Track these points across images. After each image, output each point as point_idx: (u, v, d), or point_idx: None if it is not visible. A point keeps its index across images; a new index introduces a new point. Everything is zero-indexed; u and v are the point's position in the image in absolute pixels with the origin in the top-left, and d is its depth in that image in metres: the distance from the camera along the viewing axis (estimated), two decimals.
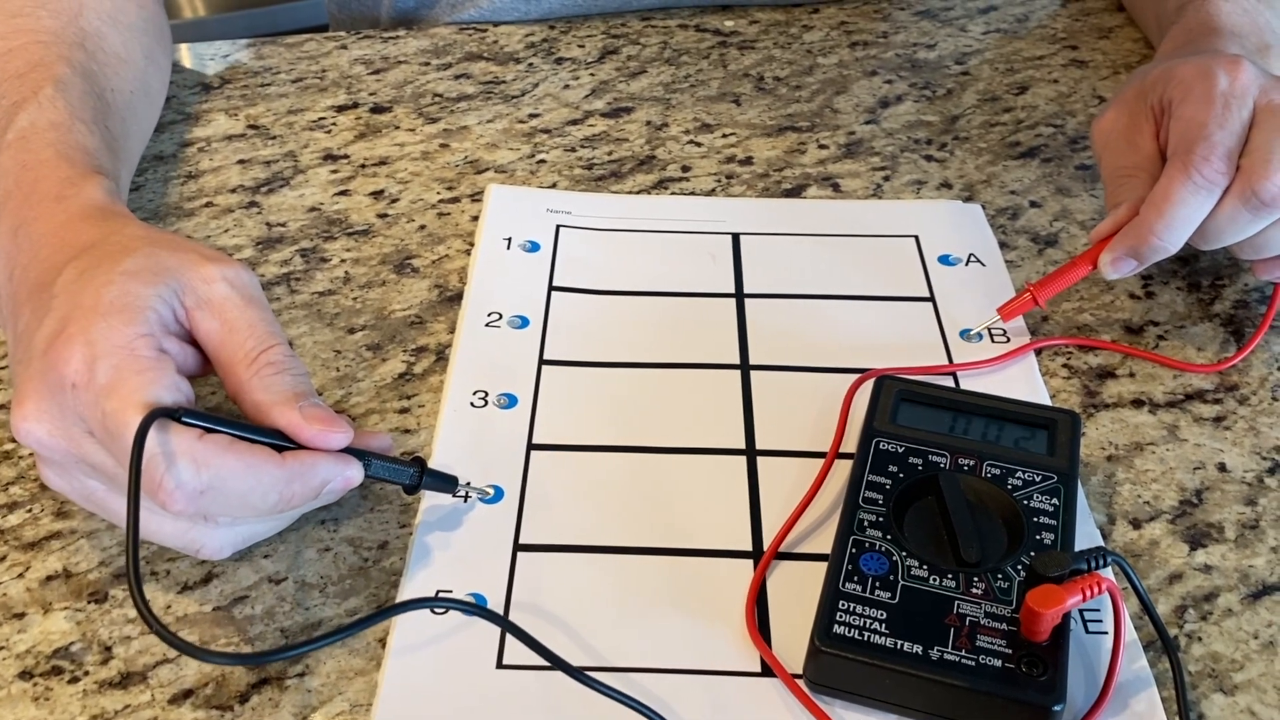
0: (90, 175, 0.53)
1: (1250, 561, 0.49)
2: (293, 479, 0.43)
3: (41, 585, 0.48)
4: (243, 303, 0.46)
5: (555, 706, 0.43)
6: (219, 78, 0.80)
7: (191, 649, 0.40)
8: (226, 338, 0.45)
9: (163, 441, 0.41)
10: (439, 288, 0.62)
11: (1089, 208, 0.69)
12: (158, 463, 0.41)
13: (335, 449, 0.45)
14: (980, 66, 0.83)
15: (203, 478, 0.41)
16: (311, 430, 0.44)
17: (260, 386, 0.45)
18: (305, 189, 0.69)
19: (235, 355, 0.45)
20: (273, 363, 0.45)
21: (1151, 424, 0.55)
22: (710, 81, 0.80)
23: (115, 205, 0.52)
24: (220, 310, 0.46)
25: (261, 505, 0.43)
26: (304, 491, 0.44)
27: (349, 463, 0.45)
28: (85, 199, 0.51)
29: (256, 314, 0.46)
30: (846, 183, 0.71)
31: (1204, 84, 0.56)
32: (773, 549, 0.49)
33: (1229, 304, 0.62)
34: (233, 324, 0.46)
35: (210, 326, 0.46)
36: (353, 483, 0.45)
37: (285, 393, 0.44)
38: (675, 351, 0.58)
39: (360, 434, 0.47)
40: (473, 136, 0.74)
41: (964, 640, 0.42)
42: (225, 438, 0.43)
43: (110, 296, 0.44)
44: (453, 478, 0.50)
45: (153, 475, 0.41)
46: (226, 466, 0.42)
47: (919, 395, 0.52)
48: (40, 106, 0.56)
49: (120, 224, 0.49)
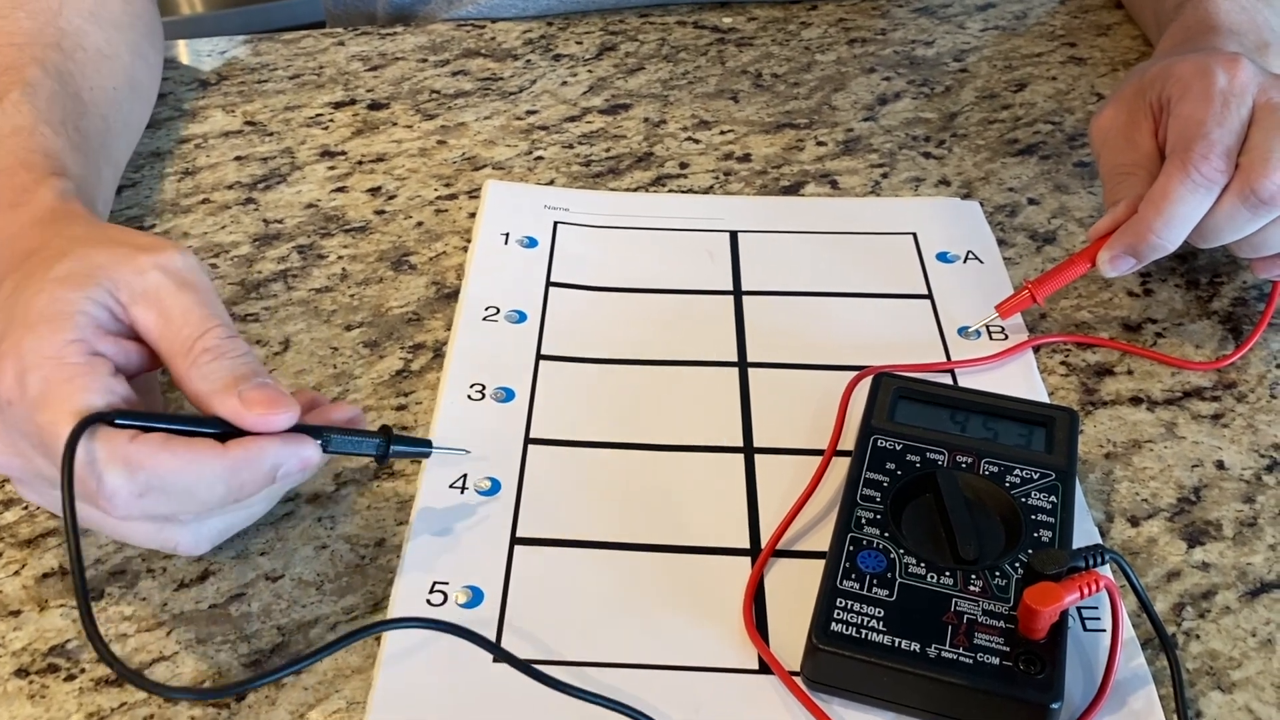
0: (45, 178, 0.52)
1: (1248, 559, 0.49)
2: (239, 468, 0.42)
3: (38, 583, 0.47)
4: (175, 288, 0.44)
5: (552, 702, 0.43)
6: (216, 74, 0.80)
7: (151, 685, 0.40)
8: (164, 329, 0.44)
9: (93, 449, 0.40)
10: (436, 284, 0.62)
11: (1087, 205, 0.69)
12: (89, 471, 0.40)
13: (279, 429, 0.43)
14: (979, 64, 0.83)
15: (139, 479, 0.40)
16: (253, 415, 0.42)
17: (198, 376, 0.43)
18: (302, 185, 0.69)
19: (173, 346, 0.44)
20: (209, 349, 0.43)
21: (1150, 421, 0.55)
22: (708, 78, 0.80)
23: (67, 205, 0.51)
24: (155, 300, 0.44)
25: (210, 499, 0.42)
26: (254, 479, 0.42)
27: (301, 442, 0.43)
28: (38, 204, 0.50)
29: (190, 299, 0.44)
30: (845, 180, 0.71)
31: (1203, 82, 0.56)
32: (770, 546, 0.49)
33: (1227, 301, 0.62)
34: (168, 313, 0.44)
35: (148, 319, 0.44)
36: (310, 463, 0.44)
37: (224, 379, 0.43)
38: (673, 348, 0.58)
39: (324, 409, 0.46)
40: (470, 133, 0.74)
41: (962, 638, 0.42)
42: (160, 435, 0.41)
43: (39, 307, 0.42)
44: (425, 440, 0.49)
45: (86, 484, 0.40)
46: (162, 465, 0.41)
47: (917, 393, 0.52)
48: (4, 113, 0.55)
49: (64, 225, 0.48)
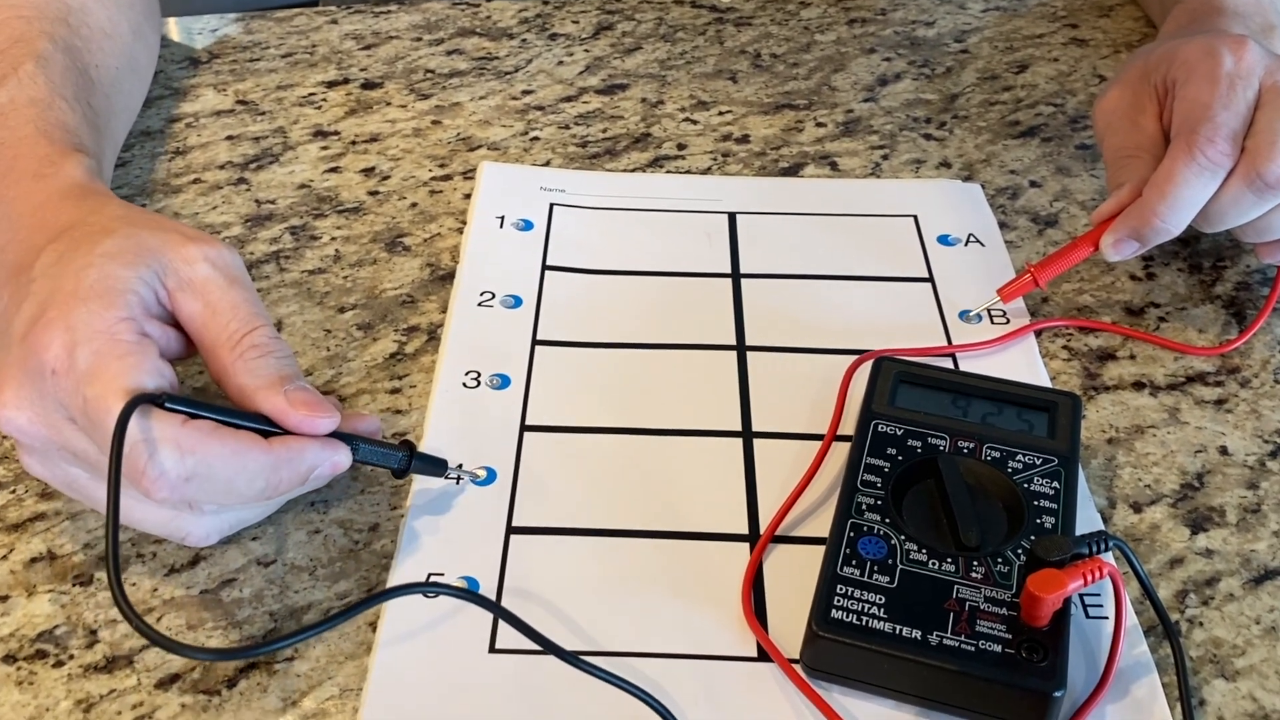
0: (70, 153, 0.52)
1: (1252, 546, 0.49)
2: (279, 465, 0.43)
3: (25, 568, 0.47)
4: (226, 284, 0.45)
5: (548, 692, 0.42)
6: (208, 52, 0.79)
7: (178, 646, 0.39)
8: (210, 320, 0.44)
9: (145, 428, 0.40)
10: (431, 266, 0.61)
11: (1089, 188, 0.68)
12: (140, 450, 0.40)
13: (322, 434, 0.44)
14: (980, 44, 0.82)
15: (187, 464, 0.40)
16: (298, 415, 0.43)
17: (244, 370, 0.44)
18: (295, 166, 0.68)
19: (219, 338, 0.44)
20: (257, 345, 0.44)
21: (1152, 406, 0.55)
22: (706, 58, 0.79)
23: (95, 184, 0.51)
24: (203, 292, 0.45)
25: (248, 492, 0.43)
26: (291, 478, 0.43)
27: (336, 448, 0.44)
28: (65, 178, 0.50)
29: (240, 295, 0.45)
30: (844, 161, 0.70)
31: (1209, 64, 0.55)
32: (769, 532, 0.48)
33: (1230, 286, 0.62)
34: (216, 306, 0.44)
35: (193, 309, 0.45)
36: (340, 468, 0.45)
37: (270, 376, 0.44)
38: (670, 332, 0.58)
39: (346, 416, 0.46)
40: (465, 113, 0.73)
41: (963, 625, 0.42)
42: (209, 423, 0.42)
43: (90, 280, 0.43)
44: (442, 461, 0.49)
45: (135, 463, 0.40)
46: (211, 453, 0.41)
47: (918, 377, 0.52)
48: (20, 83, 0.55)
49: (100, 203, 0.48)
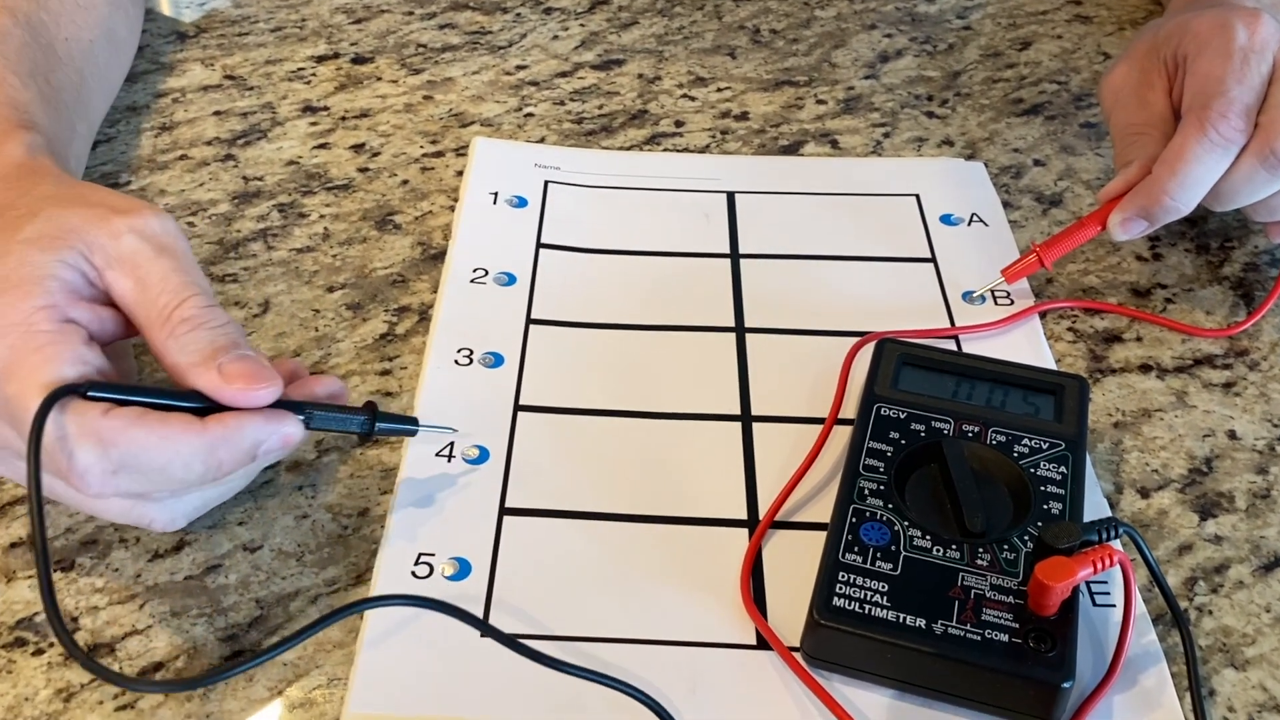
0: (13, 131, 0.49)
1: (1261, 532, 0.48)
2: (216, 446, 0.40)
3: (4, 553, 0.46)
4: (153, 254, 0.42)
5: (539, 676, 0.41)
6: (195, 26, 0.77)
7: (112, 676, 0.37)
8: (140, 296, 0.42)
9: (63, 424, 0.38)
10: (422, 245, 0.60)
11: (1094, 167, 0.67)
12: (59, 448, 0.38)
13: (262, 405, 0.41)
14: (982, 21, 0.80)
15: (112, 457, 0.39)
16: (231, 390, 0.41)
17: (176, 348, 0.41)
18: (283, 142, 0.67)
19: (150, 315, 0.42)
20: (187, 319, 0.42)
21: (1160, 390, 0.54)
22: (705, 33, 0.78)
23: (35, 160, 0.48)
24: (131, 266, 0.42)
25: (187, 477, 0.40)
26: (234, 457, 0.41)
27: (283, 419, 0.42)
28: (3, 159, 0.48)
29: (169, 265, 0.42)
30: (845, 139, 0.68)
31: (1222, 38, 0.54)
32: (769, 517, 0.47)
33: (1239, 267, 0.60)
34: (144, 280, 0.42)
35: (124, 286, 0.42)
36: (292, 440, 0.42)
37: (202, 350, 0.41)
38: (668, 313, 0.56)
39: (304, 381, 0.44)
40: (458, 89, 0.72)
41: (969, 614, 0.41)
42: (135, 410, 0.39)
43: (6, 270, 0.41)
44: (412, 419, 0.47)
45: (57, 461, 0.38)
46: (137, 442, 0.39)
47: (921, 359, 0.50)
48: None
49: (31, 183, 0.46)
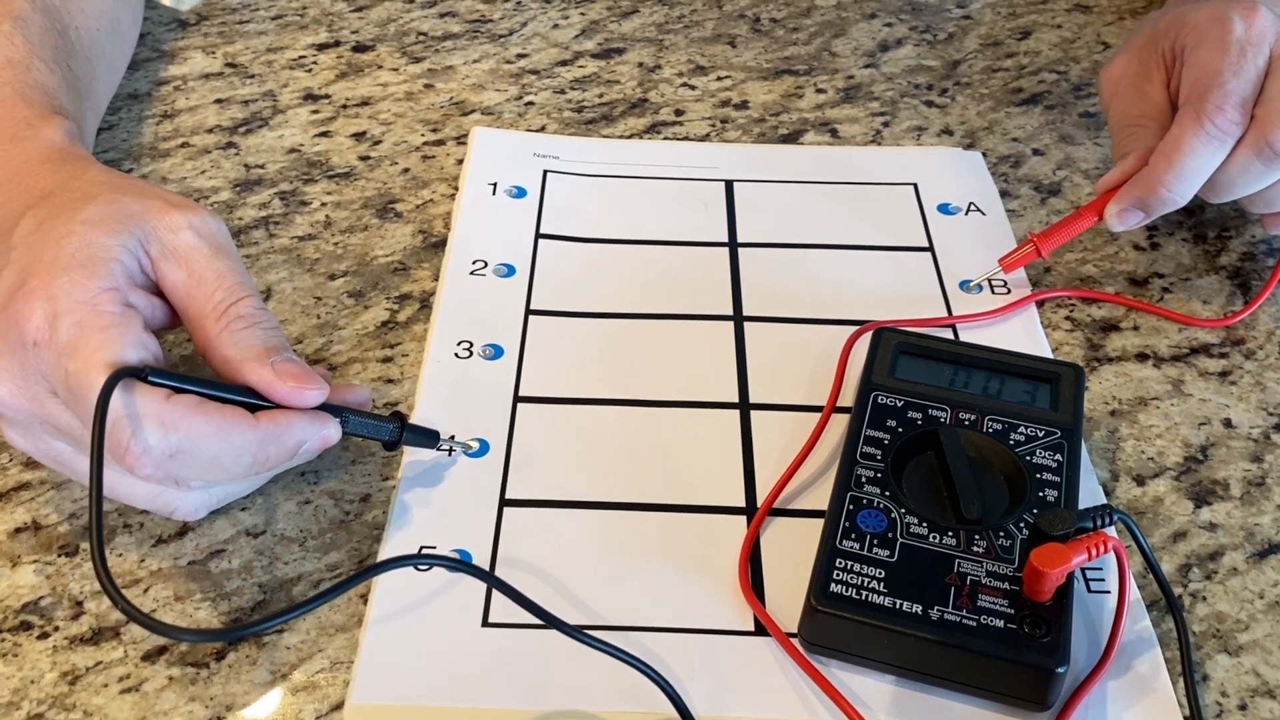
0: (49, 116, 0.50)
1: (1256, 520, 0.48)
2: (266, 441, 0.41)
3: (9, 538, 0.46)
4: (211, 252, 0.44)
5: (543, 665, 0.42)
6: (196, 14, 0.77)
7: (163, 628, 0.38)
8: (194, 290, 0.43)
9: (128, 403, 0.39)
10: (423, 233, 0.60)
11: (1093, 156, 0.67)
12: (123, 426, 0.39)
13: (310, 406, 0.43)
14: (982, 10, 0.80)
15: (171, 441, 0.39)
16: (285, 388, 0.42)
17: (230, 342, 0.42)
18: (285, 130, 0.67)
19: (203, 309, 0.43)
20: (243, 316, 0.43)
21: (1156, 378, 0.54)
22: (705, 22, 0.78)
23: (75, 148, 0.50)
24: (187, 260, 0.43)
25: (234, 468, 0.41)
26: (279, 453, 0.42)
27: (325, 421, 0.43)
28: (44, 141, 0.49)
29: (225, 264, 0.44)
30: (844, 128, 0.69)
31: (1219, 30, 0.54)
32: (767, 505, 0.47)
33: (1235, 256, 0.61)
34: (200, 275, 0.43)
35: (177, 278, 0.43)
36: (329, 442, 0.44)
37: (256, 348, 0.42)
38: (667, 302, 0.57)
39: (336, 388, 0.45)
40: (458, 77, 0.72)
41: (965, 600, 0.41)
42: (194, 398, 0.41)
43: (71, 249, 0.41)
44: (434, 432, 0.48)
45: (119, 439, 0.39)
46: (196, 429, 0.40)
47: (919, 348, 0.51)
48: None
49: (80, 168, 0.47)
